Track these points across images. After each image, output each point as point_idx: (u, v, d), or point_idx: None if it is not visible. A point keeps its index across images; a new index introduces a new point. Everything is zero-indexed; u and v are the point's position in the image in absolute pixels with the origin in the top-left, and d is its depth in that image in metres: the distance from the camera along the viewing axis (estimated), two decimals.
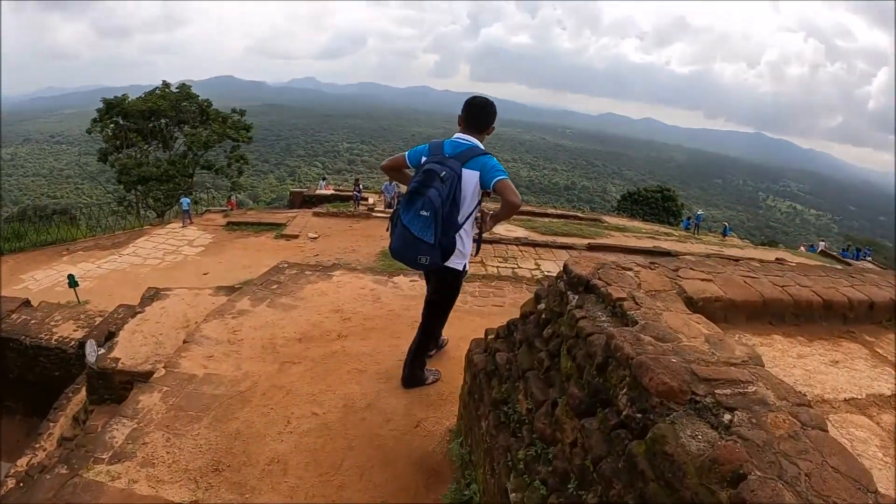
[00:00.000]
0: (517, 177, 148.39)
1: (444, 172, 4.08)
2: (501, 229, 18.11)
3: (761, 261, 19.51)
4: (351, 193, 26.89)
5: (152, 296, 8.22)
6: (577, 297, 3.02)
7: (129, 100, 35.87)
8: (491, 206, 4.78)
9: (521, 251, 14.96)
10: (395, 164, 4.65)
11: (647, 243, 19.72)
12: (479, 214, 4.54)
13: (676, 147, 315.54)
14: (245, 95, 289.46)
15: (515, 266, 13.58)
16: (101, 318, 9.52)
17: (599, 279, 3.00)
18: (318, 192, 31.86)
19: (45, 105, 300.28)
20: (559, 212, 32.13)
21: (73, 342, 9.03)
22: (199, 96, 37.60)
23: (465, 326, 6.40)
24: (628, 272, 3.18)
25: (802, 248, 41.29)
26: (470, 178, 4.23)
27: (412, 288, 8.24)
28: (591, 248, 16.66)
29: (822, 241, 47.66)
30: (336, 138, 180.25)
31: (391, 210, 23.17)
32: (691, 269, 3.49)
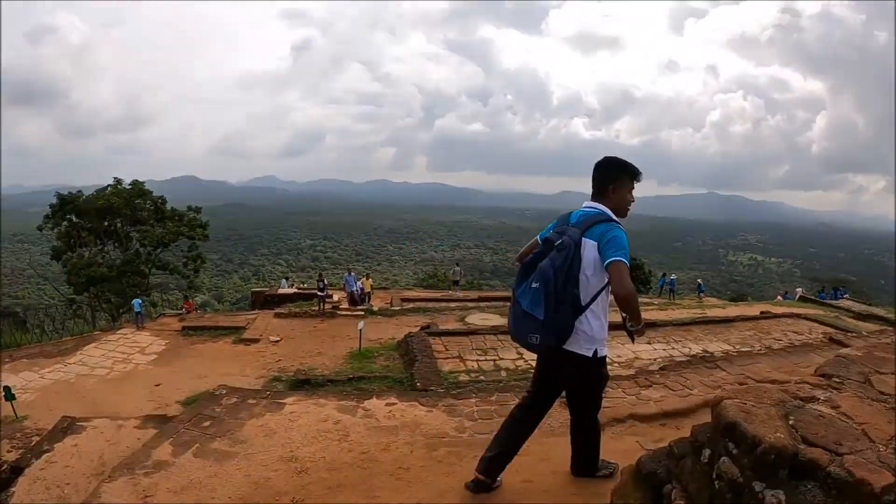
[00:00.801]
0: (480, 262, 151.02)
1: (560, 241, 3.71)
2: (476, 318, 17.17)
3: (754, 318, 18.82)
4: (314, 291, 25.52)
5: (66, 427, 6.89)
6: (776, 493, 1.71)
7: (83, 197, 34.55)
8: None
9: (499, 341, 13.64)
10: (529, 251, 4.12)
11: None
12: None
13: (634, 217, 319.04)
14: (207, 195, 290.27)
15: (496, 358, 12.35)
16: (38, 437, 8.02)
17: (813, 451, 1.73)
18: (280, 291, 30.67)
19: (8, 203, 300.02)
20: None
21: (4, 465, 7.40)
22: (152, 192, 36.36)
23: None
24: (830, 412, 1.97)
25: (779, 297, 41.14)
26: (590, 248, 3.73)
27: (390, 416, 6.58)
28: None
29: (799, 288, 48.84)
30: (299, 235, 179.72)
31: (357, 306, 22.69)
32: None
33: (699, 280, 46.04)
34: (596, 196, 3.99)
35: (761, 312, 21.00)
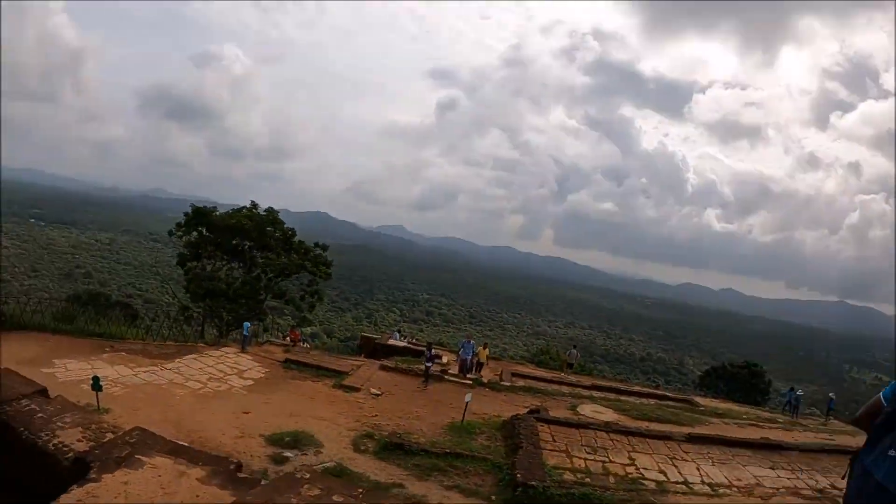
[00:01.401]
0: (592, 344, 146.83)
1: None
2: (588, 410, 16.13)
3: None
4: (422, 349, 24.76)
5: (126, 454, 6.22)
6: None
7: (218, 213, 35.24)
8: None
9: (611, 440, 12.59)
10: (872, 410, 3.37)
11: (753, 433, 17.37)
12: None
13: (757, 318, 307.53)
14: (336, 234, 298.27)
15: (606, 460, 11.27)
16: (112, 435, 7.54)
17: None
18: (390, 342, 30.15)
19: (151, 204, 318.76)
20: (647, 390, 29.90)
21: (70, 454, 6.99)
22: (284, 223, 36.72)
23: None
24: None
25: None
26: None
27: None
28: (691, 438, 14.21)
29: None
30: (417, 288, 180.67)
31: (466, 375, 21.66)
32: None
33: (831, 395, 42.28)
34: None
35: None
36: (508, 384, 20.84)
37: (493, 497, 9.07)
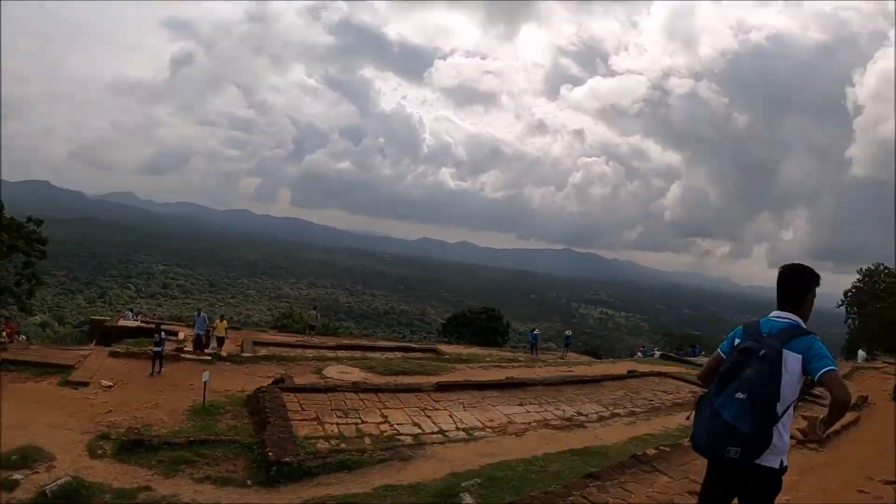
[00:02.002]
0: (336, 303, 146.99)
1: (763, 351, 3.55)
2: (334, 371, 15.73)
3: (622, 377, 18.48)
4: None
5: None
6: None
7: None
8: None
9: (361, 400, 12.25)
10: (713, 368, 3.92)
11: (498, 374, 17.97)
12: (806, 424, 3.99)
13: (492, 267, 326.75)
14: (60, 205, 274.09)
15: (358, 421, 10.89)
16: None
17: None
18: (121, 323, 27.43)
19: None
20: (392, 344, 30.37)
21: None
22: None
23: None
24: None
25: (639, 354, 42.08)
26: (792, 360, 3.54)
27: None
28: (440, 387, 14.30)
29: (656, 348, 50.46)
30: (152, 259, 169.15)
31: (203, 351, 20.24)
32: None
33: (567, 332, 45.84)
34: (787, 306, 3.82)
35: (628, 371, 20.95)
36: (250, 355, 19.71)
37: (249, 482, 8.39)
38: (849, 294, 47.44)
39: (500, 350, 34.72)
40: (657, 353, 39.44)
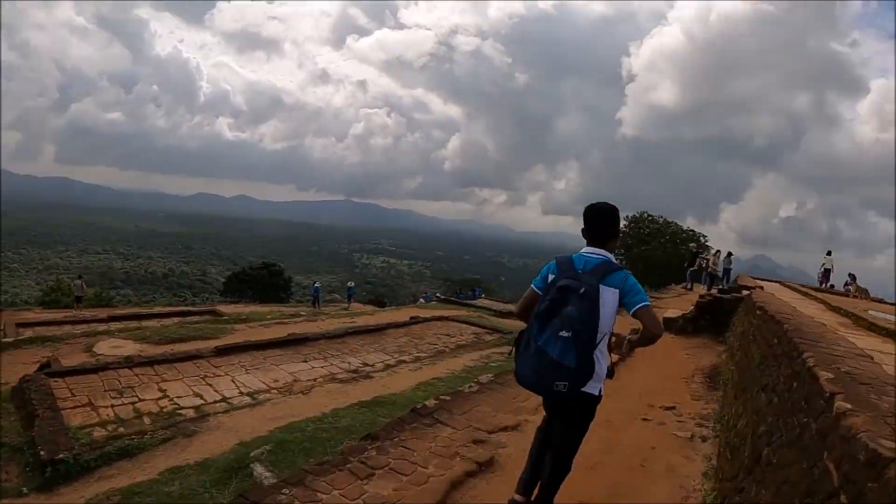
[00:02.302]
0: (111, 270, 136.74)
1: (583, 289, 3.68)
2: (106, 347, 14.56)
3: (406, 324, 18.73)
4: None
5: None
6: None
7: None
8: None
9: (137, 375, 11.38)
10: (526, 304, 4.10)
11: (280, 331, 17.54)
12: (614, 339, 4.04)
13: (272, 221, 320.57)
14: None
15: (136, 400, 10.08)
16: None
17: None
18: None
19: None
20: (168, 309, 28.50)
21: None
22: None
23: None
24: None
25: (421, 300, 42.81)
26: (608, 295, 3.77)
27: None
28: (219, 351, 13.69)
29: (438, 293, 51.54)
30: None
31: None
32: None
33: (350, 284, 45.68)
34: (598, 243, 4.02)
35: (411, 318, 21.13)
36: (12, 339, 17.43)
37: (25, 489, 7.39)
38: None
39: (284, 306, 33.98)
40: (433, 299, 40.63)
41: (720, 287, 21.00)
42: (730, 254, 27.33)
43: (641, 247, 46.40)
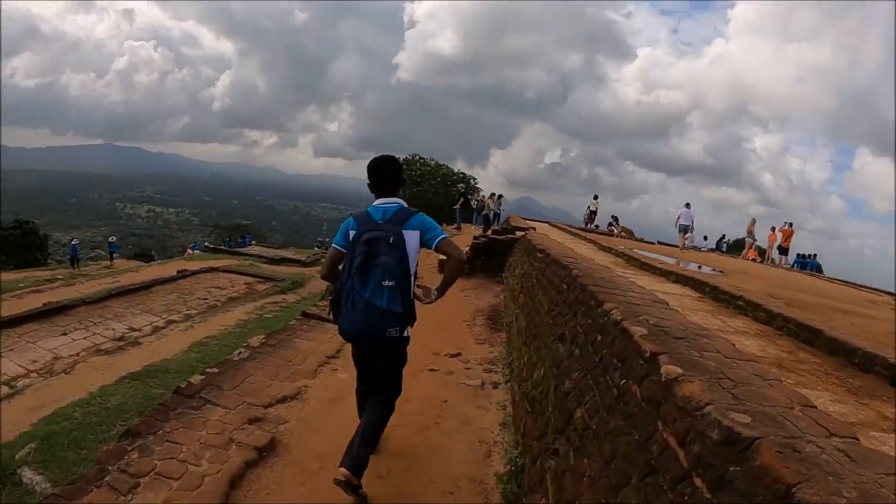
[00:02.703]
0: None
1: (391, 238, 3.86)
2: None
3: (173, 279, 17.57)
4: None
5: None
6: None
7: None
8: None
9: None
10: (333, 264, 4.23)
11: (35, 302, 15.50)
12: (421, 291, 4.20)
13: (24, 171, 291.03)
14: None
15: None
16: None
17: None
18: None
19: None
20: None
21: None
22: None
23: None
24: None
25: (189, 251, 41.01)
26: (412, 238, 3.96)
27: None
28: None
29: (206, 242, 50.86)
30: None
31: None
32: None
33: (111, 239, 40.89)
34: (390, 192, 4.15)
35: (178, 272, 20.13)
36: None
37: None
38: None
39: (41, 270, 30.54)
40: (199, 246, 39.23)
41: (493, 228, 21.47)
42: (501, 196, 28.22)
43: (413, 188, 47.34)
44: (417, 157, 52.11)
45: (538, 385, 5.00)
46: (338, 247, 4.14)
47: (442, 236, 4.02)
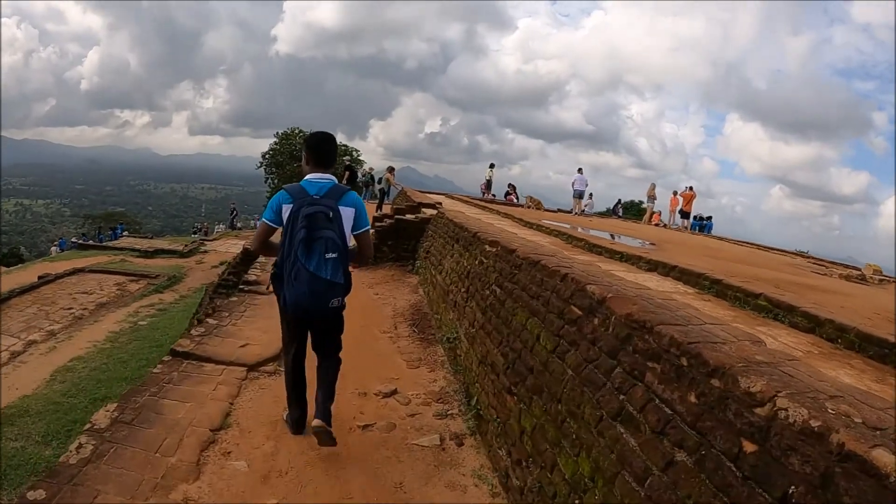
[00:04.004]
0: None
1: (330, 213, 3.92)
2: None
3: (32, 287, 14.58)
4: None
5: None
6: None
7: None
8: None
9: None
10: (264, 238, 4.21)
11: None
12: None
13: None
14: None
15: None
16: None
17: None
18: None
19: None
20: None
21: None
22: None
23: None
24: None
25: (54, 249, 39.26)
26: (347, 214, 4.04)
27: None
28: None
29: (74, 237, 45.65)
30: None
31: None
32: None
33: None
34: (322, 168, 4.13)
35: (39, 277, 17.47)
36: None
37: None
38: (266, 156, 49.70)
39: None
40: (69, 243, 36.24)
41: (386, 203, 19.96)
42: (392, 169, 26.07)
43: (294, 164, 44.99)
44: (297, 131, 49.43)
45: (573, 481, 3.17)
46: (268, 221, 4.08)
47: (367, 227, 4.18)
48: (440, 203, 15.04)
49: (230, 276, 10.55)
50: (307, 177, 4.10)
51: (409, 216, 12.77)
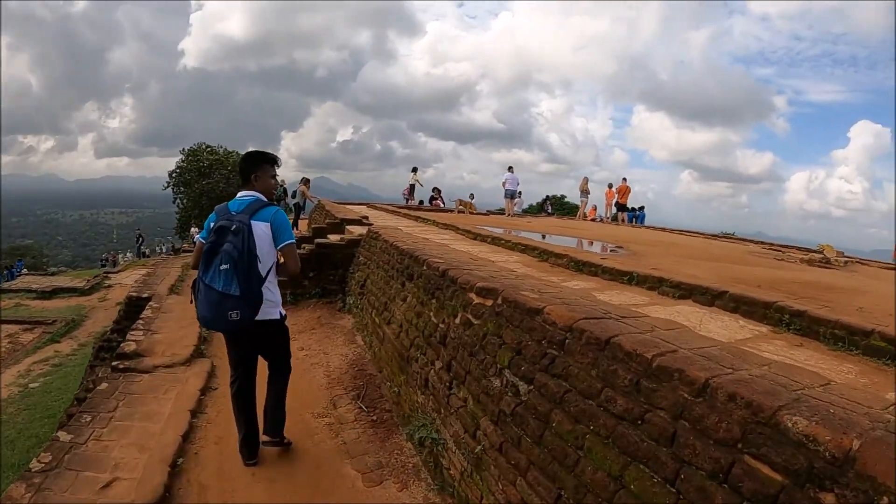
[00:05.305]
0: None
1: (234, 226, 3.85)
2: None
3: None
4: None
5: None
6: None
7: None
8: None
9: None
10: (200, 253, 4.09)
11: None
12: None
13: None
14: None
15: None
16: None
17: None
18: None
19: None
20: None
21: None
22: None
23: None
24: None
25: None
26: (262, 229, 3.98)
27: None
28: None
29: None
30: None
31: None
32: None
33: None
34: (245, 185, 4.16)
35: None
36: None
37: None
38: (174, 174, 45.99)
39: None
40: None
41: (303, 217, 18.66)
42: (308, 180, 23.66)
43: (203, 181, 42.89)
44: (205, 146, 46.46)
45: None
46: (201, 239, 4.07)
47: (289, 241, 4.06)
48: (366, 217, 12.95)
49: (114, 333, 8.67)
50: (237, 196, 4.13)
51: (332, 237, 10.48)
